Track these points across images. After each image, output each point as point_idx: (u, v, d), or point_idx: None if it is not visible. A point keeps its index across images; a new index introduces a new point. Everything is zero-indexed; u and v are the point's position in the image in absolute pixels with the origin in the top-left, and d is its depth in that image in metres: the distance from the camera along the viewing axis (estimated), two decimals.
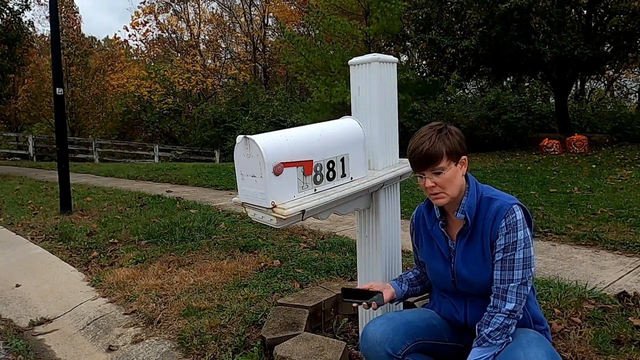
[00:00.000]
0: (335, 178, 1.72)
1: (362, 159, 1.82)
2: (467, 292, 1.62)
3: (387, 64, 1.89)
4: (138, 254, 3.73)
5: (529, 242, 1.51)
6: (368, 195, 1.92)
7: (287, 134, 1.62)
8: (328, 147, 1.69)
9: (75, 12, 24.44)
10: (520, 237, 1.50)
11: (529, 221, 1.55)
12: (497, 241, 1.52)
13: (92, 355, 2.36)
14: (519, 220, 1.50)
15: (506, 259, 1.50)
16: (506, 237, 1.50)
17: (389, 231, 1.98)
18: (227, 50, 29.28)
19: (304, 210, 1.56)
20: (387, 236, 1.97)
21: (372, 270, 2.00)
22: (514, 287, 1.49)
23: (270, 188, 1.53)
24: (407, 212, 5.04)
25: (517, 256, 1.49)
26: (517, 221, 1.50)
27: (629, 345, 2.04)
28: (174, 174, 9.67)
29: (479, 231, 1.55)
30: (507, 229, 1.50)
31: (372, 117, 1.87)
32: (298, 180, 1.60)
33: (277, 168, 1.52)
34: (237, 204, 1.69)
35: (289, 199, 1.57)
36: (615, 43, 12.59)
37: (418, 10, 13.19)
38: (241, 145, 1.59)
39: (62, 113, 5.85)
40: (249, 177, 1.59)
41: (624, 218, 4.32)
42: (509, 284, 1.49)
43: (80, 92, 23.46)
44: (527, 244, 1.50)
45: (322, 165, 1.68)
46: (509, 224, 1.50)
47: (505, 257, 1.50)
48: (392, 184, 1.96)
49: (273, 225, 1.57)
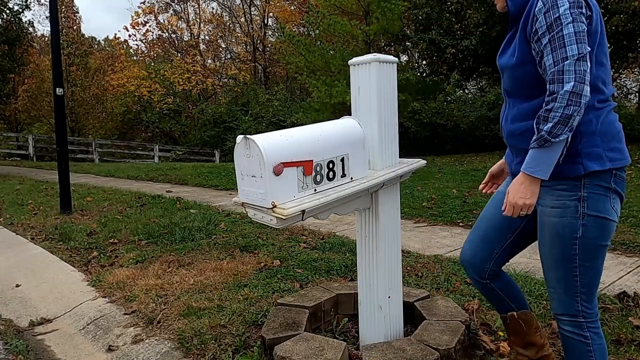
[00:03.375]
0: (335, 178, 1.72)
1: (362, 159, 1.82)
2: (507, 91, 1.55)
3: (387, 64, 1.89)
4: (138, 254, 3.73)
5: (577, 16, 1.31)
6: (368, 195, 1.92)
7: (287, 134, 1.62)
8: (328, 147, 1.69)
9: (75, 12, 24.45)
10: (562, 11, 1.31)
11: None
12: (537, 23, 1.36)
13: (92, 355, 2.36)
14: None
15: (554, 37, 1.32)
16: (545, 16, 1.33)
17: (389, 231, 1.98)
18: (227, 50, 29.29)
19: (304, 211, 1.56)
20: (387, 236, 1.97)
21: (372, 270, 2.00)
22: (571, 65, 1.29)
23: (270, 188, 1.53)
24: (407, 212, 5.04)
25: (566, 31, 1.30)
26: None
27: (629, 345, 2.04)
28: (174, 174, 9.67)
29: (523, 20, 1.44)
30: (545, 8, 1.34)
31: (372, 117, 1.87)
32: (298, 180, 1.60)
33: (277, 168, 1.53)
34: (237, 204, 1.69)
35: (289, 199, 1.57)
36: (615, 43, 12.58)
37: (418, 10, 13.20)
38: (241, 146, 1.59)
39: (62, 113, 5.85)
40: (249, 177, 1.59)
41: (624, 218, 4.33)
42: (564, 62, 1.30)
43: (80, 92, 23.45)
44: (575, 17, 1.30)
45: (322, 165, 1.68)
46: (546, 1, 1.34)
47: (552, 37, 1.32)
48: (392, 184, 1.96)
49: (273, 225, 1.58)
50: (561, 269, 1.46)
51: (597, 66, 1.39)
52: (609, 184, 1.40)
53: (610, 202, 1.42)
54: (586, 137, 1.39)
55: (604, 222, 1.41)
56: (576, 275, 1.45)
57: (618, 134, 1.44)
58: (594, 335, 1.49)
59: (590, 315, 1.49)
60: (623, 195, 1.46)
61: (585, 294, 1.46)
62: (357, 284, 2.09)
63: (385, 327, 2.01)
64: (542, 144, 1.35)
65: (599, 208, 1.40)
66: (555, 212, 1.45)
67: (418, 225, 4.60)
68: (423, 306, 2.26)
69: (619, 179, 1.42)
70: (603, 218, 1.41)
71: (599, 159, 1.38)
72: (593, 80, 1.37)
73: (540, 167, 1.38)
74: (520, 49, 1.45)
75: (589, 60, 1.30)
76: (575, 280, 1.45)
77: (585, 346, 1.49)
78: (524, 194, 1.41)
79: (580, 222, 1.41)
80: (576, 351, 1.51)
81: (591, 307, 1.48)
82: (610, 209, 1.42)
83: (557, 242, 1.45)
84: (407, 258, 3.31)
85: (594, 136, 1.39)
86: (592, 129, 1.39)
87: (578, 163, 1.39)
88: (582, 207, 1.40)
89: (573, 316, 1.49)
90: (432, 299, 2.35)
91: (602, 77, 1.41)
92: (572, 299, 1.47)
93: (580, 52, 1.29)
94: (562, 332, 1.53)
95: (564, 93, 1.29)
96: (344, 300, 2.43)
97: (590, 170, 1.38)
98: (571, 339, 1.51)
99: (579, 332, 1.49)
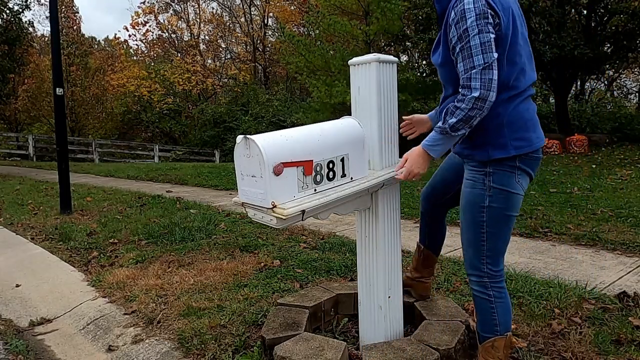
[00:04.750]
0: (335, 178, 1.72)
1: (362, 159, 1.82)
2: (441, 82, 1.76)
3: (387, 64, 1.89)
4: (138, 254, 3.73)
5: (483, 27, 1.47)
6: (368, 195, 1.92)
7: (287, 134, 1.62)
8: (328, 147, 1.69)
9: (75, 12, 24.45)
10: (469, 24, 1.48)
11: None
12: (451, 33, 1.54)
13: (92, 355, 2.36)
14: (467, 9, 1.48)
15: (463, 48, 1.49)
16: (457, 27, 1.51)
17: (389, 231, 1.98)
18: (227, 50, 29.28)
19: (304, 211, 1.56)
20: (387, 236, 1.97)
21: (372, 270, 2.00)
22: (477, 73, 1.48)
23: (270, 188, 1.53)
24: (407, 212, 5.04)
25: (472, 42, 1.48)
26: (464, 10, 1.49)
27: (629, 345, 2.04)
28: (174, 174, 9.67)
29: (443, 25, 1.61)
30: (456, 19, 1.51)
31: (372, 117, 1.87)
32: (298, 180, 1.60)
33: (277, 168, 1.53)
34: (237, 204, 1.69)
35: (289, 199, 1.57)
36: (615, 43, 12.58)
37: (418, 10, 13.18)
38: (241, 145, 1.59)
39: (62, 113, 5.85)
40: (249, 177, 1.59)
41: (624, 218, 4.32)
42: (471, 71, 1.48)
43: (80, 92, 23.45)
44: (480, 29, 1.47)
45: (322, 165, 1.68)
46: (458, 12, 1.50)
47: (462, 47, 1.50)
48: (392, 183, 1.96)
49: (273, 225, 1.57)
50: (471, 232, 1.69)
51: (509, 66, 1.56)
52: (514, 163, 1.61)
53: (516, 178, 1.62)
54: (494, 130, 1.60)
55: (509, 195, 1.62)
56: (483, 239, 1.66)
57: (526, 123, 1.61)
58: (497, 294, 1.69)
59: (494, 276, 1.69)
60: (532, 174, 1.66)
61: (491, 257, 1.67)
62: (357, 284, 2.09)
63: (385, 327, 2.01)
64: (444, 133, 1.58)
65: (503, 182, 1.61)
66: (469, 183, 1.69)
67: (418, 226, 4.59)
68: (423, 306, 2.26)
69: (528, 159, 1.62)
70: (507, 191, 1.62)
71: (504, 148, 1.59)
72: (505, 79, 1.56)
73: (436, 149, 1.64)
74: (444, 51, 1.64)
75: (495, 67, 1.48)
76: (482, 244, 1.66)
77: (489, 303, 1.69)
78: (419, 165, 1.68)
79: (487, 194, 1.63)
80: (481, 308, 1.73)
81: (496, 269, 1.69)
82: (515, 183, 1.62)
83: (469, 209, 1.68)
84: (407, 258, 3.30)
85: (501, 128, 1.59)
86: (500, 122, 1.59)
87: (485, 150, 1.61)
88: (488, 180, 1.63)
89: (479, 276, 1.70)
90: (432, 299, 2.35)
91: (515, 75, 1.58)
92: (479, 261, 1.69)
93: (485, 62, 1.47)
94: (472, 290, 1.76)
95: (471, 98, 1.49)
96: (344, 300, 2.43)
97: (493, 157, 1.60)
98: (477, 297, 1.73)
99: (484, 290, 1.70)
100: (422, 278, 2.29)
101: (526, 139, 1.60)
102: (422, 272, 2.28)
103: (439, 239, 2.23)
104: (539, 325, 2.25)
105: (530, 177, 1.66)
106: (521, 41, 1.59)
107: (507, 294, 1.72)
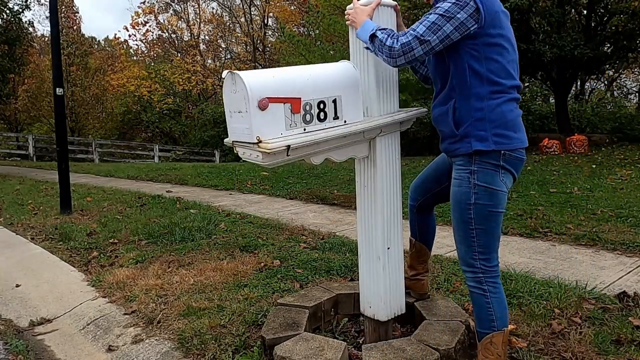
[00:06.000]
0: (327, 120, 1.72)
1: (356, 102, 1.80)
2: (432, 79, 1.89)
3: (386, 8, 1.88)
4: (138, 254, 3.73)
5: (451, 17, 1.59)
6: (366, 142, 1.89)
7: (275, 72, 1.64)
8: (318, 87, 1.69)
9: (75, 12, 24.49)
10: (444, 6, 1.60)
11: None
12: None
13: (92, 355, 2.36)
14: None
15: (426, 16, 1.64)
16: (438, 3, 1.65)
17: (388, 182, 1.95)
18: (227, 50, 29.27)
19: (289, 146, 1.56)
20: (386, 187, 1.95)
21: (371, 221, 1.98)
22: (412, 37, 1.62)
23: (255, 123, 1.53)
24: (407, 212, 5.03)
25: (430, 17, 1.62)
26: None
27: (629, 345, 2.04)
28: (174, 174, 9.66)
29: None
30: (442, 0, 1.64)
31: (370, 62, 1.85)
32: (285, 117, 1.60)
33: (262, 102, 1.53)
34: (228, 144, 1.71)
35: (275, 136, 1.58)
36: (615, 43, 12.58)
37: (418, 10, 13.18)
38: (228, 81, 1.61)
39: (62, 113, 5.85)
40: (236, 113, 1.60)
41: (624, 218, 4.32)
42: (412, 31, 1.62)
43: (80, 92, 23.45)
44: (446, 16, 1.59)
45: (312, 104, 1.67)
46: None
47: (425, 15, 1.64)
48: (391, 131, 1.93)
49: (260, 162, 1.58)
50: (461, 230, 1.75)
51: (488, 61, 1.66)
52: (497, 161, 1.68)
53: (500, 177, 1.69)
54: (476, 123, 1.68)
55: (493, 192, 1.69)
56: (473, 236, 1.72)
57: (507, 123, 1.69)
58: (491, 288, 1.74)
59: (488, 271, 1.74)
60: (515, 174, 1.73)
61: (483, 253, 1.73)
62: (357, 283, 2.09)
63: (384, 279, 1.99)
64: (370, 40, 1.72)
65: (487, 180, 1.68)
66: (456, 182, 1.76)
67: None
68: (423, 306, 2.26)
69: (511, 158, 1.69)
70: (491, 188, 1.69)
71: (484, 141, 1.67)
72: (485, 73, 1.66)
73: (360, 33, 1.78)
74: None
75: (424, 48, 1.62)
76: (473, 241, 1.73)
77: (484, 298, 1.74)
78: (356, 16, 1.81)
79: (473, 191, 1.70)
80: (477, 303, 1.77)
81: (490, 265, 1.74)
82: (499, 181, 1.69)
83: (457, 207, 1.75)
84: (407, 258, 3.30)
85: (483, 122, 1.68)
86: (482, 116, 1.68)
87: (468, 142, 1.69)
88: (473, 178, 1.70)
89: (474, 272, 1.75)
90: (432, 299, 2.35)
91: (496, 72, 1.67)
92: (472, 257, 1.74)
93: (423, 36, 1.60)
94: (468, 287, 1.80)
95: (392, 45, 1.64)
96: (344, 300, 2.42)
97: (475, 148, 1.67)
98: (473, 292, 1.78)
99: (479, 286, 1.75)
100: (418, 275, 2.33)
101: (506, 136, 1.67)
102: (418, 269, 2.32)
103: (430, 232, 2.27)
104: (539, 325, 2.25)
105: (514, 177, 1.74)
106: (507, 45, 1.69)
107: (502, 289, 1.77)
